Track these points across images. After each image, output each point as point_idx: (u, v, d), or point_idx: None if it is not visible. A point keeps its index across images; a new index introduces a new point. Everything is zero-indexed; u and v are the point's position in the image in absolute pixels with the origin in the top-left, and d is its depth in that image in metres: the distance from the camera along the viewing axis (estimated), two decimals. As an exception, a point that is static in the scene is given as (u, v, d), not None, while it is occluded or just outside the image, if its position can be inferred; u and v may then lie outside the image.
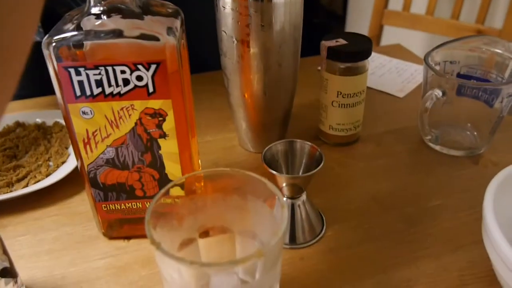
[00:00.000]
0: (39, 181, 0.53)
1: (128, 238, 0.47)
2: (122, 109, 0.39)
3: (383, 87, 0.73)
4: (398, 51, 0.87)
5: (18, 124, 0.63)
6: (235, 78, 0.53)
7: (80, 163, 0.42)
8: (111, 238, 0.47)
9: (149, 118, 0.39)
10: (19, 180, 0.53)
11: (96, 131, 0.40)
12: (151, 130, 0.40)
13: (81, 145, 0.41)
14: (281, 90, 0.54)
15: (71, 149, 0.58)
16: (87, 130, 0.40)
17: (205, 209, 0.37)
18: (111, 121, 0.39)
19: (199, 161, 0.47)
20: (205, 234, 0.38)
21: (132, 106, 0.39)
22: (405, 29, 1.44)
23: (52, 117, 0.64)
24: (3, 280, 0.38)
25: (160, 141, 0.41)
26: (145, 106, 0.39)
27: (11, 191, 0.51)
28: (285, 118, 0.57)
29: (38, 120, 0.63)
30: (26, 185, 0.52)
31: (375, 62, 0.81)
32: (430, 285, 0.41)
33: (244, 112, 0.55)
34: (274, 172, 0.42)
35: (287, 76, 0.53)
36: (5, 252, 0.38)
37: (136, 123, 0.40)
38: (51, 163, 0.56)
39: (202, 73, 0.74)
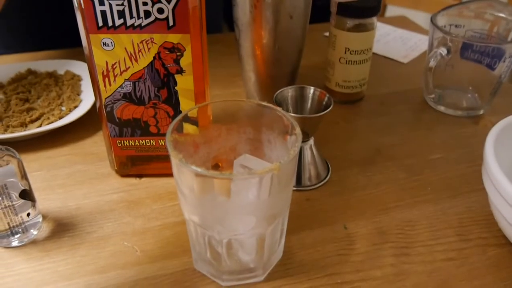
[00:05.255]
0: (52, 122, 0.54)
1: (139, 176, 0.48)
2: (142, 42, 0.40)
3: (388, 53, 0.75)
4: (402, 22, 0.88)
5: (30, 72, 0.64)
6: (247, 29, 0.54)
7: (98, 97, 0.43)
8: (123, 175, 0.48)
9: (168, 52, 0.41)
10: (32, 121, 0.54)
11: (115, 63, 0.41)
12: (168, 65, 0.41)
13: (100, 78, 0.42)
14: (291, 42, 0.55)
15: (83, 95, 0.59)
16: (106, 62, 0.41)
17: (219, 140, 0.39)
18: (131, 54, 0.41)
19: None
20: (215, 168, 0.40)
21: (152, 40, 0.40)
22: (407, 8, 1.45)
23: (63, 67, 0.64)
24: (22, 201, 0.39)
25: (177, 76, 0.42)
26: (164, 40, 0.40)
27: (25, 131, 0.52)
28: (293, 71, 0.58)
29: (50, 69, 0.64)
30: (40, 126, 0.53)
31: (381, 30, 0.82)
32: (429, 225, 0.43)
33: (253, 64, 0.57)
34: (285, 112, 0.43)
35: (298, 29, 0.54)
36: (25, 177, 0.40)
37: (154, 57, 0.41)
38: (63, 108, 0.57)
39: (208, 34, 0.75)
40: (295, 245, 0.41)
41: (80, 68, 0.64)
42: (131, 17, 0.39)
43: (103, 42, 0.40)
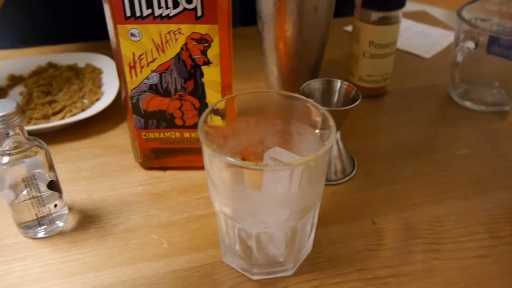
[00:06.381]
0: (74, 114, 0.54)
1: (164, 169, 0.48)
2: (169, 32, 0.40)
3: (409, 48, 0.74)
4: (423, 17, 0.87)
5: (50, 65, 0.64)
6: (270, 21, 0.53)
7: (124, 88, 0.43)
8: (147, 168, 0.48)
9: (195, 43, 0.40)
10: (55, 114, 0.54)
11: (142, 54, 0.41)
12: (195, 56, 0.41)
13: (126, 69, 0.41)
14: (315, 35, 0.54)
15: (104, 88, 0.59)
16: (133, 53, 0.41)
17: (248, 132, 0.38)
18: (158, 45, 0.40)
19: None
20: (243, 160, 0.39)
21: (179, 30, 0.40)
22: (425, 4, 1.43)
23: (84, 60, 0.64)
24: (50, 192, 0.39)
25: (204, 68, 0.42)
26: (192, 31, 0.40)
27: (48, 123, 0.52)
28: (316, 65, 0.58)
29: (70, 62, 0.64)
30: (63, 118, 0.53)
31: (402, 25, 0.81)
32: (459, 222, 0.42)
33: (276, 57, 0.56)
34: (317, 104, 0.42)
35: (322, 22, 0.54)
36: (52, 169, 0.40)
37: (181, 48, 0.40)
38: (85, 100, 0.57)
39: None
40: (323, 240, 0.40)
41: (100, 61, 0.64)
42: (159, 7, 0.38)
43: (130, 33, 0.40)
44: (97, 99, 0.57)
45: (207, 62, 0.41)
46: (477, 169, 0.49)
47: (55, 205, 0.40)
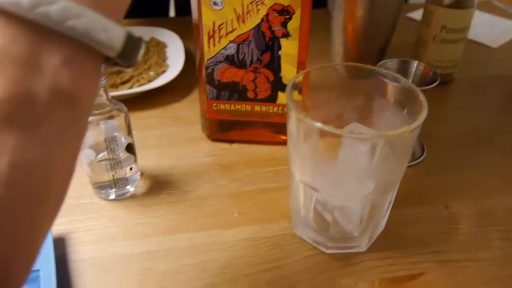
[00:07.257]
0: (142, 85, 0.54)
1: (230, 141, 0.48)
2: (252, 2, 0.39)
3: (475, 37, 0.71)
4: (488, 7, 0.84)
5: (116, 37, 0.65)
6: (342, 1, 0.53)
7: (200, 57, 0.43)
8: (214, 140, 0.48)
9: (276, 14, 0.40)
10: (123, 83, 0.55)
11: (222, 24, 0.41)
12: (275, 28, 0.41)
13: (205, 38, 0.42)
14: (385, 17, 0.53)
15: (169, 61, 0.60)
16: (214, 23, 0.41)
17: (327, 106, 0.38)
18: (239, 15, 0.40)
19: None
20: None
21: (262, 1, 0.39)
22: None
23: (148, 33, 0.65)
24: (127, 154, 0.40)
25: (282, 40, 0.41)
26: (274, 1, 0.39)
27: (117, 92, 0.53)
28: (383, 47, 0.56)
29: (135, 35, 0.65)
30: (130, 88, 0.54)
31: (466, 14, 0.79)
32: (536, 212, 0.41)
33: (344, 37, 0.55)
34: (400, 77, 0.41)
35: (394, 3, 0.52)
36: (130, 132, 0.40)
37: (262, 19, 0.40)
38: (151, 72, 0.58)
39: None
40: (396, 220, 0.39)
41: (164, 36, 0.64)
42: (245, -24, 0.38)
43: (213, 1, 0.40)
44: (163, 71, 0.57)
45: (286, 35, 0.41)
46: (553, 161, 0.47)
47: (131, 168, 0.41)
